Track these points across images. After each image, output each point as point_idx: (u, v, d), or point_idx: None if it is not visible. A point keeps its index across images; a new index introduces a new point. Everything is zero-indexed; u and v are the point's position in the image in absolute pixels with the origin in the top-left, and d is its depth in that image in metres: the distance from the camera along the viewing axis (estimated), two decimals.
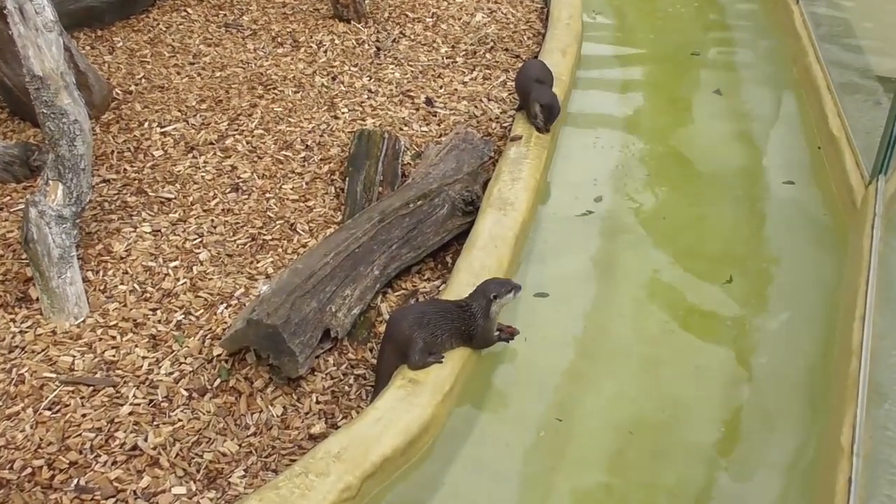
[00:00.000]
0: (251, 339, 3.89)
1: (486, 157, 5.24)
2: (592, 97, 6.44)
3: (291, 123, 5.90)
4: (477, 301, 3.85)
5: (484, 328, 3.87)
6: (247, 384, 3.99)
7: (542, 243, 4.88)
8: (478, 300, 3.85)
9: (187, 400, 3.92)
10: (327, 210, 5.10)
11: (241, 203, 5.13)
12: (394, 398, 3.59)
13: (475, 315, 3.83)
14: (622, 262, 4.77)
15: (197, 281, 4.55)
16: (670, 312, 4.41)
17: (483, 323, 3.85)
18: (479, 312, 3.84)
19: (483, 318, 3.85)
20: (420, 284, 4.64)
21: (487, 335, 3.92)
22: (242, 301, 4.42)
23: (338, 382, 4.04)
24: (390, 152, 5.37)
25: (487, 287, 3.89)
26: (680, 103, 6.41)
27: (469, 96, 6.29)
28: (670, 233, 5.00)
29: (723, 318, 4.38)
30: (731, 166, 5.60)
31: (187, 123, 5.85)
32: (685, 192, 5.39)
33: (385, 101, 6.21)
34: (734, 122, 6.10)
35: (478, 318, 3.84)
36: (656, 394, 3.96)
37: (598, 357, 4.18)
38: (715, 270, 4.68)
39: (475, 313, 3.83)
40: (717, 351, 4.19)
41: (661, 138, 5.91)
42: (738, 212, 5.16)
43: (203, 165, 5.44)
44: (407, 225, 4.60)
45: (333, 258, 4.23)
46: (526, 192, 4.87)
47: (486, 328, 3.88)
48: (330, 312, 4.08)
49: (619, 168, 5.56)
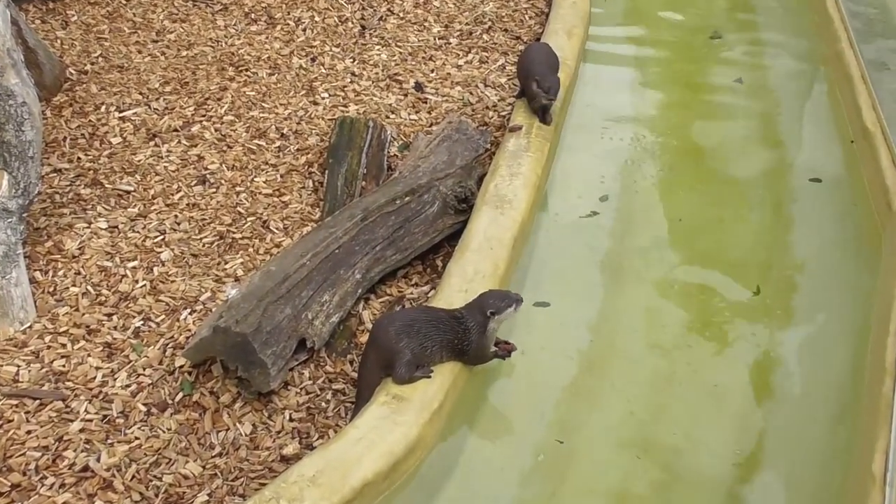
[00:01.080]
0: (218, 349, 3.89)
1: (481, 149, 5.24)
2: (600, 84, 6.45)
3: (265, 109, 5.89)
4: (473, 316, 3.84)
5: (479, 345, 3.87)
6: (212, 399, 3.98)
7: (543, 246, 4.89)
8: (474, 315, 3.84)
9: (145, 416, 3.90)
10: (304, 206, 5.10)
11: (209, 197, 5.12)
12: (376, 416, 3.59)
13: (470, 330, 3.83)
14: (632, 269, 4.78)
15: (158, 283, 4.54)
16: (685, 324, 4.42)
17: (478, 339, 3.85)
18: (474, 328, 3.82)
19: (479, 334, 3.84)
20: (407, 290, 4.64)
21: (482, 352, 3.93)
22: (208, 306, 4.42)
23: (314, 398, 4.03)
24: (375, 143, 5.37)
25: (484, 301, 3.87)
26: (697, 92, 6.43)
27: (464, 81, 6.29)
28: (686, 236, 5.01)
29: (744, 331, 4.39)
30: (753, 163, 5.62)
31: (149, 108, 5.84)
32: (702, 190, 5.41)
33: (370, 85, 6.21)
34: (757, 113, 6.12)
35: (473, 333, 3.83)
36: (668, 414, 3.97)
37: (604, 373, 4.18)
38: (735, 278, 4.69)
39: (470, 328, 3.83)
40: (737, 367, 4.20)
41: (675, 131, 5.93)
42: (760, 213, 5.19)
43: (166, 155, 5.43)
44: (393, 224, 4.60)
45: (310, 260, 4.23)
46: (526, 190, 4.88)
47: (482, 345, 3.88)
48: (306, 320, 4.08)
49: (629, 164, 5.57)
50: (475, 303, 3.89)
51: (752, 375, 4.17)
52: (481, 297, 3.90)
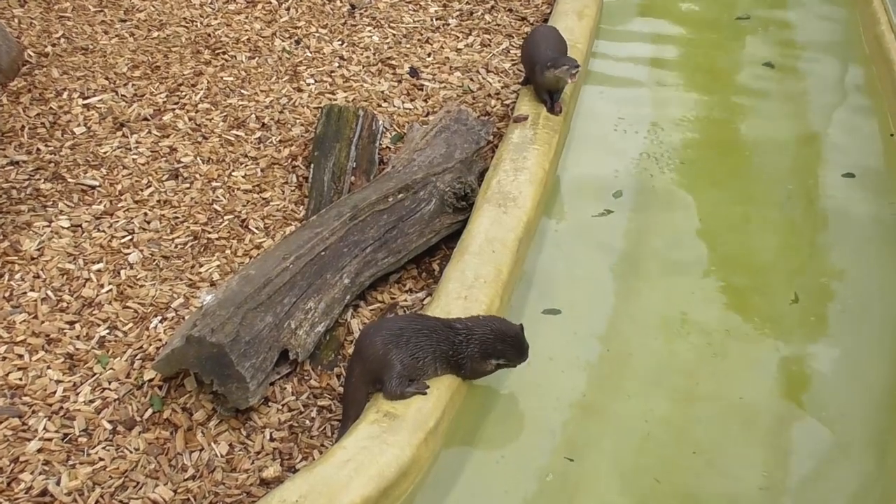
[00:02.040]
0: (191, 361, 3.88)
1: (483, 141, 5.24)
2: (614, 70, 6.45)
3: (245, 96, 5.89)
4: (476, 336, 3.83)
5: (475, 364, 3.87)
6: (185, 416, 3.97)
7: (551, 249, 4.89)
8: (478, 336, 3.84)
9: (111, 434, 3.90)
10: (287, 203, 5.09)
11: (182, 193, 5.12)
12: (365, 435, 3.58)
13: (468, 343, 3.82)
14: (649, 273, 4.78)
15: (125, 288, 4.54)
16: (708, 335, 4.42)
17: (475, 362, 3.86)
18: (474, 346, 3.83)
19: (478, 357, 3.84)
20: (400, 296, 4.63)
21: (479, 370, 3.92)
22: (181, 314, 4.41)
23: (297, 415, 4.03)
24: (366, 134, 5.37)
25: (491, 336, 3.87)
26: (722, 79, 6.43)
27: (463, 67, 6.29)
28: (708, 237, 5.01)
29: (773, 343, 4.39)
30: (782, 156, 5.63)
31: (116, 94, 5.83)
32: (726, 187, 5.41)
33: (360, 70, 6.21)
34: (788, 101, 6.12)
35: (471, 347, 3.83)
36: (689, 433, 3.96)
37: (618, 387, 4.17)
38: (763, 283, 4.69)
39: (469, 342, 3.82)
40: (765, 382, 4.20)
41: (697, 122, 5.93)
42: (790, 212, 5.19)
43: (135, 146, 5.43)
44: (385, 223, 4.60)
45: (294, 263, 4.23)
46: (532, 186, 4.87)
47: (480, 367, 3.89)
48: (288, 329, 4.08)
49: (646, 157, 5.58)
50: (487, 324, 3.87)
51: (782, 391, 4.16)
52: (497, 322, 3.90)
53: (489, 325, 3.88)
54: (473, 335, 3.84)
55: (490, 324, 3.89)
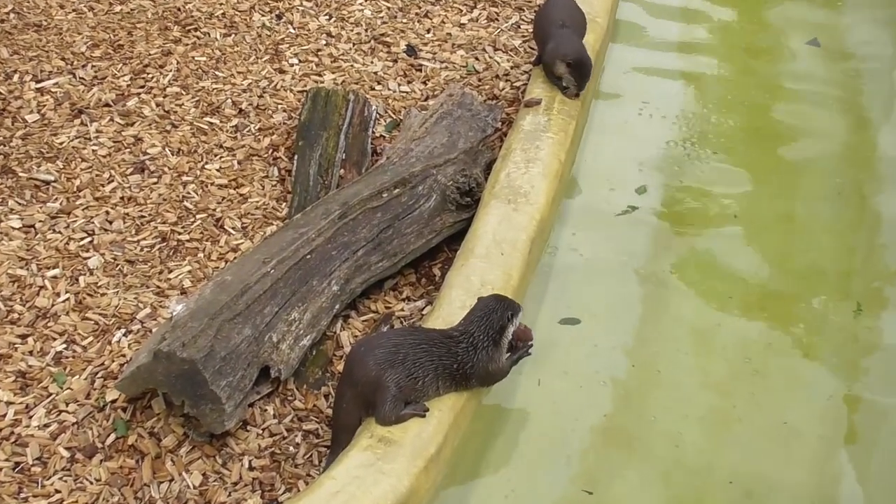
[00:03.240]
0: (159, 380, 3.87)
1: (489, 128, 5.24)
2: (640, 48, 6.45)
3: (219, 79, 5.89)
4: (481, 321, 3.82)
5: (490, 360, 3.84)
6: (152, 442, 3.97)
7: (568, 251, 4.89)
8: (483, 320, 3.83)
9: (69, 463, 3.89)
10: (267, 200, 5.09)
11: (148, 189, 5.12)
12: (357, 464, 3.57)
13: (475, 347, 3.80)
14: (679, 278, 4.78)
15: (85, 297, 4.53)
16: (746, 349, 4.41)
17: (489, 353, 3.82)
18: (482, 342, 3.81)
19: (490, 344, 3.82)
20: (396, 305, 4.63)
21: (494, 367, 3.88)
22: (148, 326, 4.41)
23: (279, 441, 4.03)
24: (356, 121, 5.37)
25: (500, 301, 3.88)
26: (761, 58, 6.42)
27: (468, 44, 6.29)
28: (746, 237, 5.01)
29: (821, 356, 4.39)
30: (830, 144, 5.63)
31: (74, 77, 5.83)
32: (766, 180, 5.41)
33: (350, 48, 6.20)
34: (835, 83, 6.12)
35: (479, 346, 3.81)
36: (725, 461, 3.95)
37: (644, 407, 4.17)
38: (808, 288, 4.69)
39: (475, 345, 3.81)
40: (813, 404, 4.19)
41: (733, 106, 5.93)
42: (838, 208, 5.19)
43: (95, 136, 5.43)
44: (379, 222, 4.59)
45: (275, 268, 4.22)
46: (545, 180, 4.87)
47: (494, 359, 3.85)
48: (270, 343, 4.07)
49: (674, 147, 5.58)
50: (484, 307, 3.87)
51: (832, 414, 4.15)
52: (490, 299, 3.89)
53: (478, 309, 3.87)
54: (473, 332, 3.83)
55: (477, 308, 3.88)
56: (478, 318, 3.85)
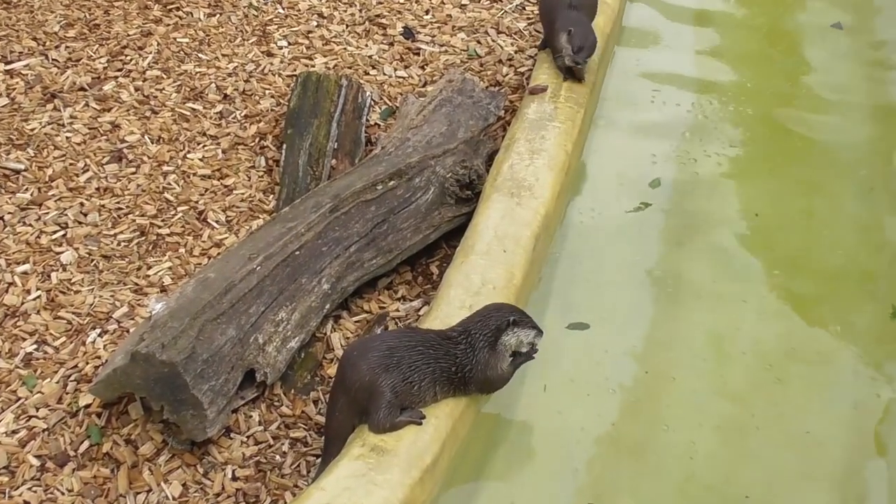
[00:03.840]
0: (137, 383, 3.87)
1: (492, 116, 5.23)
2: (651, 32, 6.45)
3: (202, 62, 5.89)
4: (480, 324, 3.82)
5: (486, 365, 3.83)
6: (129, 450, 3.96)
7: (575, 249, 4.89)
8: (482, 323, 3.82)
9: (39, 472, 3.88)
10: (254, 192, 5.09)
11: (126, 179, 5.11)
12: (349, 474, 3.57)
13: (473, 349, 3.80)
14: (694, 280, 4.78)
15: (57, 294, 4.53)
16: (765, 354, 4.41)
17: (486, 357, 3.82)
18: (480, 343, 3.80)
19: (487, 348, 3.81)
20: (391, 305, 4.63)
21: (493, 374, 3.88)
22: (125, 326, 4.40)
23: (265, 449, 4.02)
24: (349, 108, 5.37)
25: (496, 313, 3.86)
26: (782, 42, 6.43)
27: (469, 26, 6.29)
28: (764, 236, 5.02)
29: (844, 365, 4.39)
30: (855, 136, 5.64)
31: (46, 59, 5.83)
32: (787, 174, 5.41)
33: (343, 30, 6.20)
34: (862, 69, 6.13)
35: (477, 349, 3.81)
36: (742, 473, 3.95)
37: (656, 416, 4.17)
38: (832, 292, 4.70)
39: (473, 346, 3.80)
40: (837, 413, 4.19)
41: (752, 95, 5.93)
42: (865, 204, 5.19)
43: (69, 122, 5.42)
44: (373, 216, 4.59)
45: (262, 264, 4.22)
46: (551, 172, 4.87)
47: (491, 364, 3.85)
48: (255, 345, 4.07)
49: (689, 138, 5.58)
50: (484, 310, 3.86)
51: (857, 421, 4.15)
52: (492, 306, 3.88)
53: (481, 312, 3.87)
54: (473, 333, 3.82)
55: (480, 311, 3.88)
56: (477, 320, 3.84)
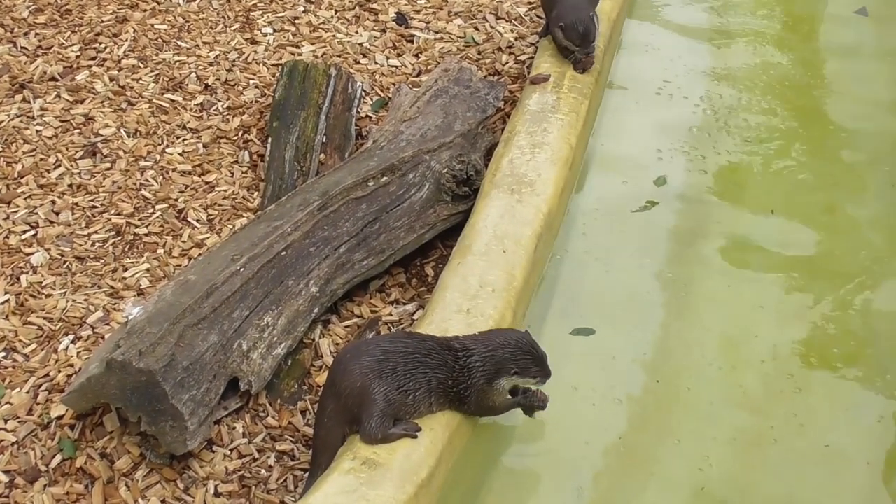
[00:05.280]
0: (113, 393, 3.86)
1: (490, 108, 5.24)
2: (660, 19, 6.45)
3: (182, 50, 5.88)
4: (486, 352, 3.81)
5: (481, 394, 3.83)
6: (104, 464, 3.96)
7: (579, 249, 4.89)
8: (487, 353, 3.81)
9: (7, 489, 3.87)
10: (237, 189, 5.09)
11: (101, 176, 5.11)
12: (338, 489, 3.56)
13: (471, 369, 3.80)
14: (705, 282, 4.79)
15: (27, 299, 4.52)
16: (784, 362, 4.41)
17: (482, 387, 3.82)
18: (478, 369, 3.80)
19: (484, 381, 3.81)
20: (383, 309, 4.63)
21: (486, 404, 3.89)
22: (100, 332, 4.40)
23: (249, 463, 4.02)
24: (339, 99, 5.37)
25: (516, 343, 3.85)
26: (801, 29, 6.44)
27: (466, 11, 6.29)
28: (781, 235, 5.02)
29: (869, 373, 4.39)
30: (877, 128, 5.65)
31: (14, 46, 5.82)
32: (803, 169, 5.42)
33: (332, 16, 6.20)
34: (888, 59, 6.12)
35: (475, 375, 3.80)
36: (757, 488, 3.96)
37: (666, 427, 4.18)
38: (854, 294, 4.70)
39: (472, 366, 3.80)
40: (859, 424, 4.19)
41: (769, 86, 5.94)
42: (889, 201, 5.20)
43: (40, 114, 5.42)
44: (364, 215, 4.59)
45: (246, 266, 4.22)
46: (554, 167, 4.87)
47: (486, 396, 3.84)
48: (239, 352, 4.07)
49: (699, 132, 5.59)
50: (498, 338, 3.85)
51: (883, 434, 4.15)
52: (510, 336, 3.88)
53: (493, 338, 3.85)
54: (473, 355, 3.82)
55: (494, 336, 3.87)
56: (487, 345, 3.82)
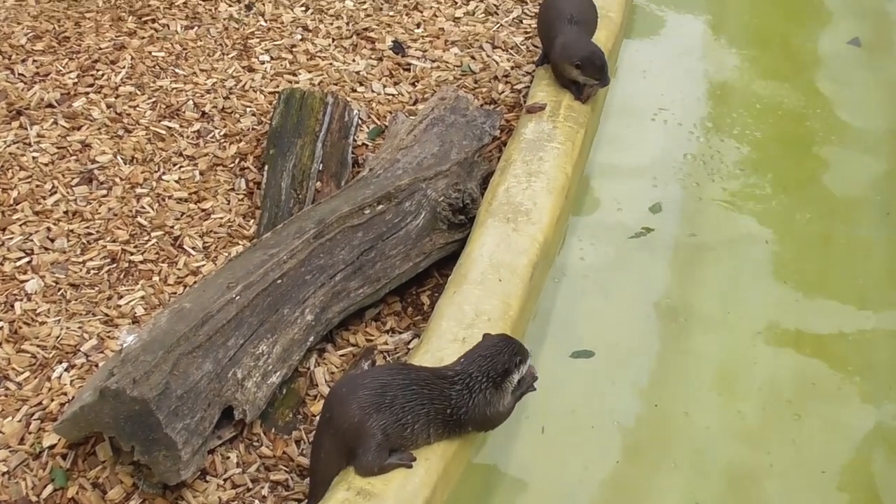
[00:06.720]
0: (106, 422, 3.84)
1: (486, 136, 5.23)
2: (655, 47, 6.46)
3: (179, 77, 5.88)
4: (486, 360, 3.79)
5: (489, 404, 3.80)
6: (96, 495, 3.94)
7: (576, 278, 4.89)
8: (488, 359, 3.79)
9: None
10: (233, 216, 5.08)
11: (97, 202, 5.10)
12: None
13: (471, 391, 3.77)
14: (703, 309, 4.78)
15: (21, 326, 4.51)
16: (780, 391, 4.41)
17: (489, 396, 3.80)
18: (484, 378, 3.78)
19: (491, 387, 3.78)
20: (379, 338, 4.62)
21: (494, 412, 3.85)
22: (94, 360, 4.39)
23: (243, 493, 4.00)
24: (336, 127, 5.37)
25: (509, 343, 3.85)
26: (796, 59, 6.44)
27: (463, 40, 6.30)
28: (777, 263, 5.01)
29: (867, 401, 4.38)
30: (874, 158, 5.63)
31: (12, 73, 5.83)
32: (799, 198, 5.42)
33: (329, 44, 6.20)
34: (882, 88, 6.14)
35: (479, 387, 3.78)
36: None
37: (663, 454, 4.17)
38: (851, 322, 4.69)
39: (471, 388, 3.78)
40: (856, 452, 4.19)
41: (763, 113, 5.95)
42: (883, 229, 5.20)
43: (36, 141, 5.41)
44: (360, 243, 4.58)
45: (241, 294, 4.21)
46: (550, 196, 4.86)
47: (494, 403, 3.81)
48: (234, 380, 4.05)
49: (695, 159, 5.59)
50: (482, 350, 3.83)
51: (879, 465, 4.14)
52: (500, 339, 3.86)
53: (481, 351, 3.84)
54: (472, 373, 3.79)
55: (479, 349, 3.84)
56: (480, 357, 3.81)
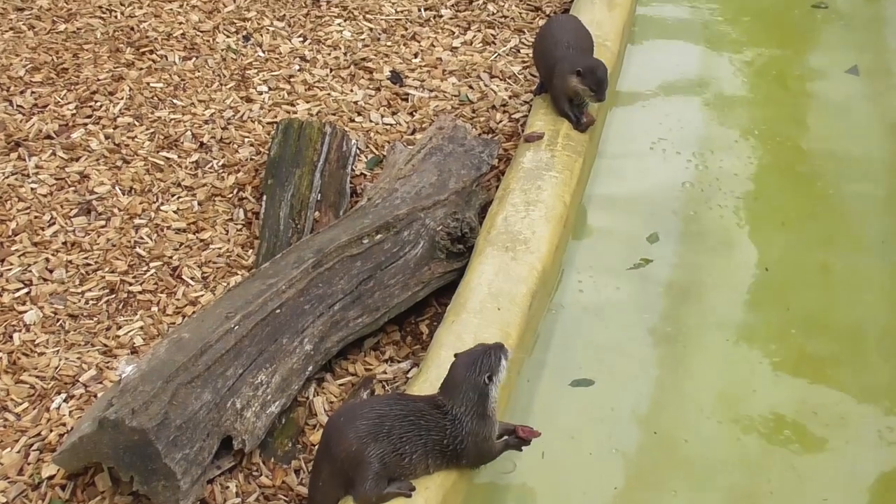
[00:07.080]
0: (105, 452, 3.84)
1: (485, 166, 5.24)
2: (653, 76, 6.47)
3: (178, 108, 5.89)
4: (459, 396, 3.77)
5: (478, 435, 3.80)
6: None
7: (574, 307, 4.89)
8: (460, 394, 3.77)
9: None
10: (232, 246, 5.08)
11: (95, 233, 5.11)
12: None
13: (459, 420, 3.76)
14: (702, 338, 4.77)
15: (19, 357, 4.50)
16: (781, 419, 4.40)
17: (475, 428, 3.79)
18: (466, 413, 3.77)
19: (475, 418, 3.78)
20: (378, 367, 4.61)
21: (485, 446, 3.86)
22: (92, 390, 4.38)
23: None
24: (334, 157, 5.37)
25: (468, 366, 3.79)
26: (793, 88, 6.45)
27: (460, 70, 6.31)
28: (776, 292, 5.01)
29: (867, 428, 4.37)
30: (873, 186, 5.64)
31: (11, 105, 5.84)
32: (798, 227, 5.41)
33: (327, 74, 6.22)
34: (880, 117, 6.14)
35: (464, 421, 3.77)
36: None
37: (662, 482, 4.15)
38: (851, 351, 4.69)
39: (459, 416, 3.77)
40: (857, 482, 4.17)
41: (761, 141, 5.95)
42: (881, 258, 5.19)
43: (35, 172, 5.42)
44: (358, 272, 4.58)
45: (240, 324, 4.20)
46: (548, 225, 4.87)
47: (483, 435, 3.82)
48: (233, 410, 4.04)
49: (693, 188, 5.59)
50: (455, 376, 3.80)
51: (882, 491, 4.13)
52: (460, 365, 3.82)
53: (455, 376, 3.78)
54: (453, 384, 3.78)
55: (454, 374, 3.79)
56: (453, 388, 3.79)
